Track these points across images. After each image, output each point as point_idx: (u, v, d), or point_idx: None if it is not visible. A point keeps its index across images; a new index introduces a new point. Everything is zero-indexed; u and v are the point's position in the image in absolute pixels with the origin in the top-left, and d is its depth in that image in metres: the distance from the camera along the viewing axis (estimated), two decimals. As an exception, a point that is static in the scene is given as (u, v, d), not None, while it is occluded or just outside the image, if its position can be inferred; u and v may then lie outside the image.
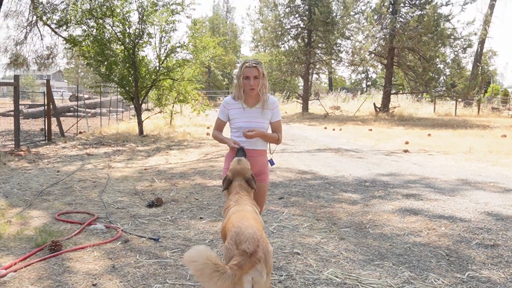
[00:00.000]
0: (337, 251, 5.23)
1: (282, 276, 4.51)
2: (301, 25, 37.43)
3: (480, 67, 35.72)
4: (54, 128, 17.46)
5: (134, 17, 55.72)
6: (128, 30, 17.43)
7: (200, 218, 6.54)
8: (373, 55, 34.08)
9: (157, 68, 18.43)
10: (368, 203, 7.50)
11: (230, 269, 2.80)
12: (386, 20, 31.47)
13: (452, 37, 30.44)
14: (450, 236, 5.76)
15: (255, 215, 3.52)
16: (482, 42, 38.70)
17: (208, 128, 22.32)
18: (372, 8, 33.45)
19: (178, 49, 18.51)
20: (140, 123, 18.63)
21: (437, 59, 31.70)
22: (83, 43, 17.45)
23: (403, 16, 32.08)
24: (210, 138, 18.08)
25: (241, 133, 4.22)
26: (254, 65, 4.14)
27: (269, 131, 4.44)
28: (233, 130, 4.38)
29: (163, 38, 18.14)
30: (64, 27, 18.25)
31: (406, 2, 32.57)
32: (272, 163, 4.51)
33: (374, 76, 78.11)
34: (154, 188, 8.54)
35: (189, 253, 2.79)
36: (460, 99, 35.79)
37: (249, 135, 4.14)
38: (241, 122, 4.27)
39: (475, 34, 31.11)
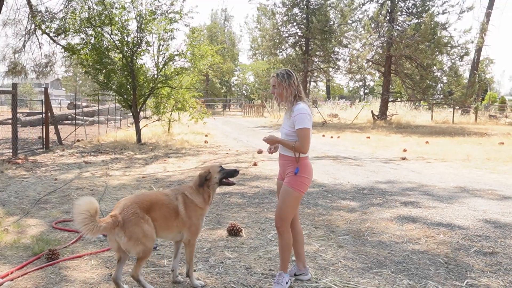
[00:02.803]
0: (336, 259, 5.21)
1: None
2: (299, 33, 37.61)
3: (477, 75, 35.90)
4: (52, 136, 17.42)
5: (133, 26, 55.82)
6: (126, 39, 17.45)
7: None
8: (370, 63, 34.20)
9: (155, 76, 18.44)
10: (366, 210, 7.48)
11: (99, 222, 3.87)
12: (384, 28, 31.62)
13: (449, 45, 30.59)
14: (448, 244, 5.75)
15: (156, 196, 4.35)
16: (479, 50, 38.88)
17: (206, 136, 22.32)
18: (369, 16, 33.64)
19: (176, 57, 18.54)
20: (138, 131, 18.61)
21: (434, 67, 31.82)
22: (82, 51, 17.46)
23: (400, 25, 32.24)
24: (208, 146, 18.08)
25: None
26: (273, 75, 4.44)
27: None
28: None
29: (161, 46, 18.17)
30: (63, 36, 18.25)
31: (403, 10, 32.76)
32: (295, 171, 4.35)
33: (371, 84, 78.32)
34: (152, 196, 8.49)
35: (78, 201, 3.91)
36: (457, 107, 35.90)
37: (264, 139, 4.45)
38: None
39: (472, 42, 31.28)
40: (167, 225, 4.24)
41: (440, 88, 32.34)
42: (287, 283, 4.36)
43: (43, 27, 19.06)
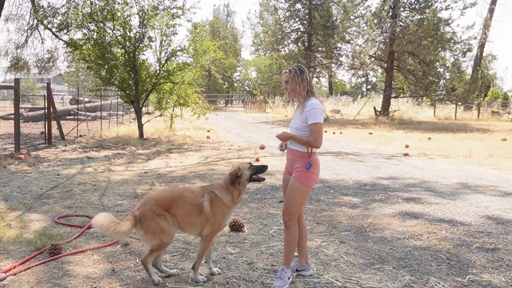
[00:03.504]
0: (338, 254, 5.22)
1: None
2: (301, 29, 37.53)
3: (480, 71, 35.73)
4: (54, 131, 17.45)
5: (135, 21, 55.79)
6: (128, 34, 17.44)
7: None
8: (373, 59, 34.12)
9: (158, 71, 18.43)
10: (368, 206, 7.48)
11: (122, 226, 4.14)
12: (386, 24, 31.53)
13: (452, 41, 30.48)
14: (450, 240, 5.75)
15: (180, 193, 4.47)
16: (481, 46, 38.74)
17: (208, 131, 22.31)
18: (372, 12, 33.54)
19: (179, 53, 18.54)
20: (140, 126, 18.63)
21: (437, 63, 31.75)
22: (84, 46, 17.46)
23: (403, 20, 32.14)
24: (210, 142, 18.09)
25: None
26: (286, 71, 4.46)
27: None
28: None
29: (163, 41, 18.16)
30: (65, 31, 18.26)
31: (406, 6, 32.65)
32: (307, 166, 4.35)
33: (374, 79, 78.21)
34: (154, 192, 8.50)
35: (95, 218, 4.19)
36: (460, 103, 35.83)
37: (277, 136, 4.48)
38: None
39: (475, 38, 31.17)
40: (190, 222, 4.36)
41: (442, 84, 32.28)
42: (289, 278, 4.36)
43: (45, 22, 19.07)
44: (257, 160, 12.53)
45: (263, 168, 4.60)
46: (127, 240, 5.56)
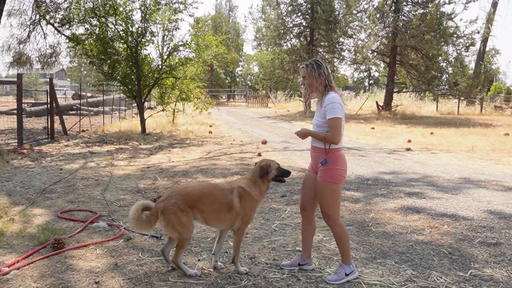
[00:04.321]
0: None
1: (284, 274, 4.50)
2: (304, 24, 37.41)
3: (483, 66, 35.67)
4: (57, 126, 17.47)
5: (137, 16, 55.74)
6: (131, 29, 17.43)
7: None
8: (375, 53, 34.01)
9: (160, 66, 18.43)
10: (370, 201, 7.48)
11: (146, 216, 4.38)
12: (389, 19, 31.41)
13: (455, 35, 30.35)
14: (452, 235, 5.75)
15: (208, 190, 4.53)
16: (485, 41, 38.60)
17: (210, 126, 22.32)
18: (374, 6, 33.40)
19: (181, 48, 18.53)
20: (142, 121, 18.64)
21: (440, 58, 31.61)
22: (86, 41, 17.46)
23: (406, 15, 31.98)
24: (212, 136, 18.10)
25: None
26: (303, 66, 4.37)
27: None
28: None
29: (165, 36, 18.15)
30: (67, 26, 18.27)
31: (409, 0, 32.48)
32: (322, 162, 4.28)
33: (376, 74, 78.01)
34: (156, 186, 8.53)
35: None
36: (462, 98, 35.68)
37: (296, 133, 4.45)
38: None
39: (478, 32, 31.04)
40: (218, 218, 4.43)
41: (445, 79, 32.14)
42: (346, 275, 4.34)
43: (47, 17, 19.09)
44: (259, 155, 12.54)
45: (288, 173, 4.59)
46: (131, 235, 5.59)
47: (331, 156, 4.25)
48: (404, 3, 32.09)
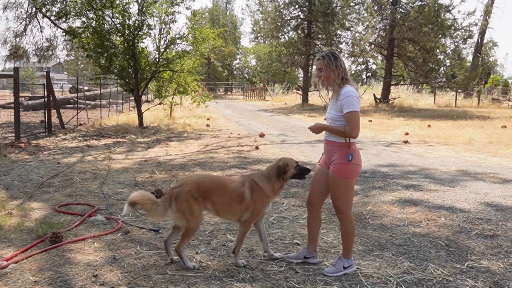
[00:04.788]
0: (337, 241, 5.23)
1: (282, 267, 4.52)
2: (301, 16, 37.30)
3: (481, 58, 35.63)
4: (54, 120, 17.43)
5: (134, 9, 55.55)
6: (127, 22, 17.36)
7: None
8: (373, 46, 33.94)
9: (157, 59, 18.39)
10: (368, 194, 7.50)
11: (161, 202, 4.38)
12: (387, 11, 31.34)
13: (453, 27, 30.31)
14: (449, 227, 5.77)
15: (221, 182, 4.61)
16: (482, 33, 38.57)
17: (208, 119, 22.29)
18: (372, -1, 33.29)
19: (178, 41, 18.48)
20: (140, 114, 18.61)
21: (437, 50, 31.61)
22: (83, 34, 17.39)
23: (404, 7, 31.92)
24: (209, 130, 18.09)
25: None
26: (319, 57, 4.25)
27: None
28: None
29: (162, 29, 18.09)
30: (64, 19, 18.16)
31: (407, -8, 32.39)
32: (348, 158, 4.16)
33: (374, 67, 77.88)
34: (154, 180, 8.54)
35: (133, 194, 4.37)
36: (460, 90, 35.73)
37: (310, 128, 4.39)
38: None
39: (476, 24, 30.99)
40: (230, 210, 4.47)
41: (443, 71, 32.15)
42: (344, 268, 4.33)
43: (44, 10, 18.99)
44: (257, 148, 12.54)
45: (307, 171, 4.56)
46: (128, 228, 5.59)
47: (351, 150, 4.18)
48: (402, -5, 32.02)
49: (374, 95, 34.33)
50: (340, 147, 4.19)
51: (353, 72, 79.70)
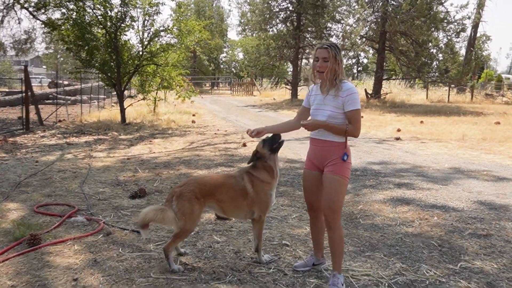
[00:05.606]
0: (327, 242, 5.23)
1: (270, 269, 4.52)
2: (290, 8, 37.27)
3: (474, 52, 35.88)
4: (33, 116, 17.25)
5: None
6: (109, 13, 17.19)
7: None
8: (364, 39, 34.05)
9: (140, 53, 18.26)
10: (358, 192, 7.53)
11: (165, 208, 4.42)
12: (378, 3, 31.43)
13: (445, 21, 30.48)
14: (442, 226, 5.81)
15: (223, 179, 4.65)
16: (475, 26, 38.86)
17: (193, 115, 22.22)
18: (363, -10, 33.36)
19: (162, 33, 18.36)
20: (122, 110, 18.48)
21: (430, 44, 31.76)
22: (63, 27, 17.18)
23: (396, -1, 32.04)
24: (195, 126, 18.03)
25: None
26: (326, 46, 4.02)
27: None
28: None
29: (146, 21, 17.95)
30: (43, 10, 17.92)
31: (398, -16, 32.52)
32: (343, 157, 4.08)
33: (365, 61, 78.12)
34: (137, 179, 8.49)
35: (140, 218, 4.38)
36: (453, 85, 35.97)
37: (303, 124, 4.12)
38: (312, 109, 4.26)
39: (469, 18, 31.18)
40: (236, 206, 4.53)
41: (435, 66, 32.33)
42: (342, 284, 4.12)
43: (22, 1, 18.71)
44: (244, 145, 12.53)
45: (274, 138, 4.57)
46: (110, 230, 5.56)
47: (343, 150, 4.11)
48: (394, -13, 32.13)
49: (365, 90, 34.46)
50: (338, 146, 4.08)
51: (343, 66, 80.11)
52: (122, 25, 17.50)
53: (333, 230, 4.15)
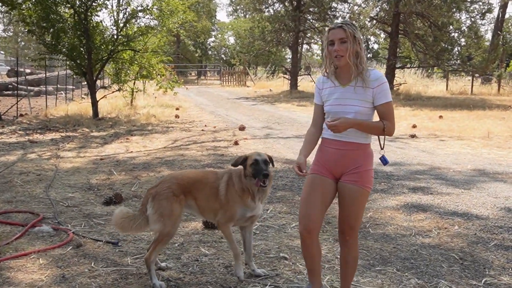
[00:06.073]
0: (332, 255, 5.27)
1: (267, 285, 4.53)
2: (289, -15, 37.31)
3: (501, 36, 36.01)
4: (-11, 109, 17.20)
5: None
6: (78, -10, 17.17)
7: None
8: (374, 21, 34.11)
9: (115, 36, 18.24)
10: (368, 198, 7.54)
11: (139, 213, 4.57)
12: (390, -21, 31.49)
13: (469, 0, 30.54)
14: (464, 237, 5.84)
15: (203, 174, 4.81)
16: (504, 6, 38.99)
17: (177, 109, 22.19)
18: (373, -36, 33.44)
19: (140, 14, 18.38)
20: (94, 103, 18.45)
21: (451, 27, 31.81)
22: (23, 5, 17.14)
23: (411, -25, 32.11)
24: (179, 121, 18.02)
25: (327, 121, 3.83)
26: (340, 25, 3.71)
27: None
28: (326, 116, 3.95)
29: (121, 0, 17.94)
30: (0, -14, 17.90)
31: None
32: (384, 161, 4.04)
33: (376, 46, 78.38)
34: (112, 182, 8.49)
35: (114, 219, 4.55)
36: (477, 75, 36.07)
37: (331, 124, 3.66)
38: (329, 105, 3.86)
39: (496, -4, 31.30)
40: (208, 206, 4.56)
41: (457, 52, 32.41)
42: None
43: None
44: (236, 143, 12.54)
45: (260, 173, 4.28)
46: (81, 241, 5.56)
47: (370, 153, 3.95)
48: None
49: (384, 76, 34.48)
50: (363, 149, 3.87)
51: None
52: (94, 4, 17.48)
53: (348, 250, 3.98)
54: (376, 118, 3.84)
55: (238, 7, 41.44)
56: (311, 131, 4.06)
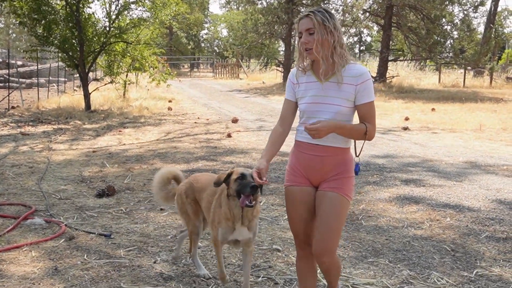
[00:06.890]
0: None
1: (259, 277, 4.54)
2: (282, -23, 37.20)
3: (494, 29, 36.08)
4: (-19, 102, 17.11)
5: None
6: (70, -19, 17.07)
7: (161, 209, 6.52)
8: (367, 14, 34.09)
9: (107, 28, 18.15)
10: (360, 190, 7.57)
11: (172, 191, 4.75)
12: (384, -28, 31.47)
13: (462, -8, 30.58)
14: (456, 228, 5.87)
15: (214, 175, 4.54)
16: (496, 0, 39.03)
17: (170, 101, 22.15)
18: (366, -43, 33.38)
19: (133, 6, 18.30)
20: (86, 95, 18.38)
21: (444, 20, 31.83)
22: (15, -3, 17.04)
23: (404, -33, 32.10)
24: (172, 114, 17.99)
25: (305, 124, 3.31)
26: (307, 14, 3.26)
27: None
28: (300, 116, 3.53)
29: (114, -9, 17.85)
30: (-9, -23, 17.76)
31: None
32: (356, 170, 3.52)
33: (368, 39, 78.47)
34: (104, 174, 8.47)
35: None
36: (469, 67, 36.14)
37: (311, 128, 3.17)
38: (305, 103, 3.43)
39: (489, -11, 31.37)
40: (207, 217, 4.21)
41: (449, 45, 32.45)
42: None
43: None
44: (229, 135, 12.54)
45: (247, 188, 3.52)
46: (73, 233, 5.55)
47: (350, 159, 3.51)
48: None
49: (368, 72, 34.54)
50: (344, 154, 3.43)
51: (344, 39, 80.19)
52: (86, -5, 17.37)
53: (328, 269, 3.55)
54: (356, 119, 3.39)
55: (231, 0, 41.31)
56: (278, 131, 3.54)
